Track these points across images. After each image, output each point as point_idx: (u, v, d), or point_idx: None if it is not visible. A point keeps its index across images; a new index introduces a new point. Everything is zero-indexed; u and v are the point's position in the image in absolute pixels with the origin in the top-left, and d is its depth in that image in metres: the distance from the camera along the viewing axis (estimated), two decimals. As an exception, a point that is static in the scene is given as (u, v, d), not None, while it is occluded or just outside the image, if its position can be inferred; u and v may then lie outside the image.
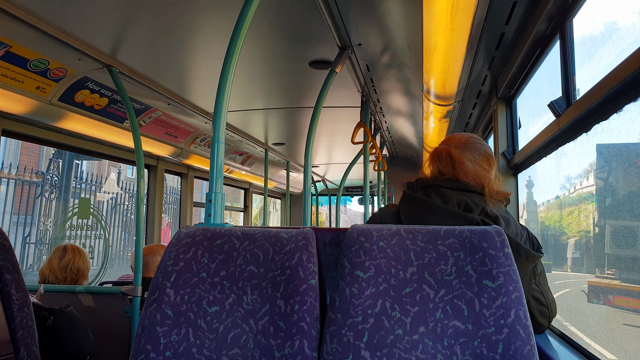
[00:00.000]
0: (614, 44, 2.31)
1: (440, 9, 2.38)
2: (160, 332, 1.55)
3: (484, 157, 2.20)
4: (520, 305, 1.44)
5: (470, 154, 2.18)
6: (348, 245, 1.61)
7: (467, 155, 2.17)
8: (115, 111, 4.45)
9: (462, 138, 2.26)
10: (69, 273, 3.98)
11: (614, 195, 3.89)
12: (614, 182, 3.76)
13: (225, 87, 2.17)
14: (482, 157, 2.19)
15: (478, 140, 2.27)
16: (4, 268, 2.54)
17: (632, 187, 3.51)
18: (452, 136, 2.32)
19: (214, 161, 2.14)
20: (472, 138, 2.27)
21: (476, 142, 2.25)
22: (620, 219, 3.78)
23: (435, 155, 2.23)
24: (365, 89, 4.56)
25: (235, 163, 7.83)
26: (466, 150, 2.19)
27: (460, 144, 2.22)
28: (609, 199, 4.02)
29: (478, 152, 2.20)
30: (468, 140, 2.24)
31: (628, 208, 3.72)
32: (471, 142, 2.23)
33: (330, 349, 1.47)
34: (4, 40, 3.06)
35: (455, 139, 2.27)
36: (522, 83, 3.43)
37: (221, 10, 2.91)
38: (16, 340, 2.54)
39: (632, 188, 3.51)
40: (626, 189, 3.65)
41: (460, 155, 2.15)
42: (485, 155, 2.21)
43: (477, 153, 2.19)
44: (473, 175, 2.10)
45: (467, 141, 2.23)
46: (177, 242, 1.71)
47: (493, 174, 2.20)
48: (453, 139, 2.28)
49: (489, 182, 2.10)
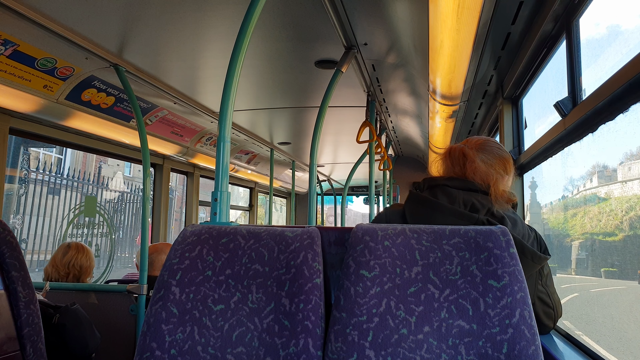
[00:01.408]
0: (620, 43, 2.31)
1: (446, 8, 2.38)
2: (166, 330, 1.55)
3: (499, 160, 2.19)
4: (525, 305, 1.44)
5: (484, 154, 2.17)
6: (353, 244, 1.62)
7: (480, 155, 2.16)
8: (122, 110, 4.46)
9: (479, 140, 2.26)
10: (72, 269, 4.00)
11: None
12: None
13: (231, 86, 2.17)
14: (497, 159, 2.18)
15: (496, 144, 2.27)
16: (11, 265, 2.55)
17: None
18: (470, 138, 2.32)
19: (220, 160, 2.14)
20: (489, 141, 2.26)
21: (493, 145, 2.24)
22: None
23: (449, 153, 2.23)
24: (371, 89, 4.56)
25: (241, 162, 7.84)
26: (480, 151, 2.19)
27: (477, 145, 2.22)
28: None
29: (493, 155, 2.19)
30: (485, 142, 2.24)
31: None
32: (488, 145, 2.23)
33: (335, 347, 1.47)
34: (11, 39, 3.07)
35: (473, 141, 2.27)
36: (528, 83, 3.42)
37: (227, 9, 2.91)
38: (22, 338, 2.55)
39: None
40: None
41: (473, 154, 2.15)
42: (501, 159, 2.20)
43: (492, 155, 2.19)
44: (482, 175, 2.10)
45: (484, 143, 2.23)
46: (183, 240, 1.71)
47: (506, 179, 2.20)
48: (470, 140, 2.29)
49: (495, 182, 2.09)
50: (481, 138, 2.29)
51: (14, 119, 3.93)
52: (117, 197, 12.37)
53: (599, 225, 4.20)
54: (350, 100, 5.02)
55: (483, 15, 2.41)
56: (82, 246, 4.12)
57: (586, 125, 2.27)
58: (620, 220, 3.80)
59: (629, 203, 3.77)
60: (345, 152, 8.34)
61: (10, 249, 2.57)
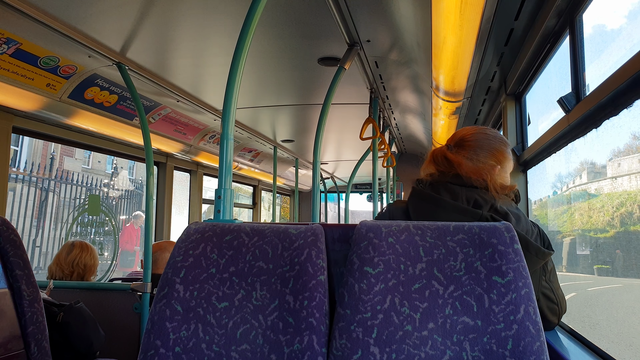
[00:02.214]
0: (624, 39, 2.30)
1: (449, 4, 2.37)
2: (170, 327, 1.55)
3: (489, 153, 2.13)
4: (530, 301, 1.44)
5: (468, 152, 2.12)
6: (357, 241, 1.61)
7: (464, 154, 2.11)
8: (125, 108, 4.47)
9: (467, 134, 2.20)
10: (76, 268, 4.01)
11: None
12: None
13: (234, 84, 2.17)
14: (486, 153, 2.13)
15: (484, 135, 2.19)
16: (15, 264, 2.56)
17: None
18: (458, 132, 2.26)
19: (223, 158, 2.14)
20: (477, 134, 2.19)
21: (481, 137, 2.17)
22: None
23: (432, 158, 2.20)
24: (374, 86, 4.56)
25: (244, 160, 7.84)
26: (464, 149, 2.13)
27: (462, 142, 2.17)
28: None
29: (480, 149, 2.13)
30: (472, 136, 2.18)
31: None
32: (475, 139, 2.16)
33: (340, 344, 1.47)
34: (14, 37, 3.08)
35: (459, 136, 2.21)
36: (532, 79, 3.41)
37: (230, 7, 2.91)
38: (27, 336, 2.56)
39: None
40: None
41: (456, 156, 2.11)
42: (489, 150, 2.14)
43: (479, 150, 2.12)
44: (475, 173, 2.07)
45: (471, 137, 2.17)
46: (187, 238, 1.71)
47: (498, 169, 2.15)
48: (457, 135, 2.23)
49: (491, 177, 2.07)
50: (468, 132, 2.22)
51: (17, 117, 3.93)
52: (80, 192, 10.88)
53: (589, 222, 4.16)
54: (353, 97, 5.02)
55: (486, 11, 2.41)
56: (86, 245, 4.13)
57: (590, 121, 2.27)
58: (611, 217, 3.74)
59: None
60: (348, 149, 8.34)
61: (14, 247, 2.57)
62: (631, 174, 3.29)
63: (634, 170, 3.21)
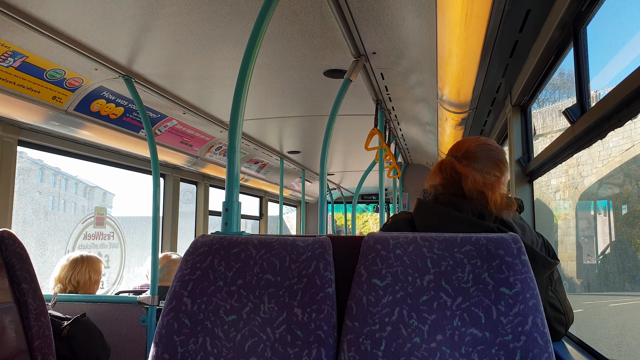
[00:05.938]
0: (628, 51, 2.31)
1: (455, 17, 2.38)
2: (178, 341, 1.56)
3: (494, 164, 2.13)
4: (538, 312, 1.44)
5: (478, 164, 2.12)
6: (364, 253, 1.61)
7: (474, 165, 2.11)
8: (131, 120, 4.48)
9: (471, 146, 2.19)
10: (68, 285, 3.85)
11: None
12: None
13: (241, 96, 2.18)
14: (492, 164, 2.14)
15: (487, 146, 2.20)
16: (22, 277, 2.57)
17: None
18: (461, 143, 2.25)
19: (231, 170, 2.15)
20: (481, 145, 2.19)
21: (485, 149, 2.18)
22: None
23: (439, 168, 2.19)
24: (380, 97, 4.57)
25: (251, 171, 7.85)
26: (473, 160, 2.13)
27: (468, 154, 2.17)
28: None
29: (488, 160, 2.13)
30: (477, 148, 2.17)
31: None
32: (480, 151, 2.16)
33: (348, 357, 1.47)
34: (20, 50, 3.10)
35: (463, 148, 2.20)
36: (537, 90, 3.42)
37: (236, 20, 2.93)
38: (33, 350, 2.56)
39: None
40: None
41: (465, 168, 2.10)
42: (496, 162, 2.14)
43: (487, 161, 2.13)
44: (481, 186, 2.04)
45: (476, 150, 2.17)
46: (194, 250, 1.72)
47: (502, 180, 2.15)
48: (461, 147, 2.22)
49: (494, 192, 2.03)
50: (473, 143, 2.21)
51: (23, 130, 3.95)
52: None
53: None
54: (359, 108, 5.03)
55: (491, 23, 2.42)
56: (83, 259, 3.96)
57: (595, 132, 2.27)
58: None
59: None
60: (355, 160, 8.34)
61: (20, 261, 2.58)
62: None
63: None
